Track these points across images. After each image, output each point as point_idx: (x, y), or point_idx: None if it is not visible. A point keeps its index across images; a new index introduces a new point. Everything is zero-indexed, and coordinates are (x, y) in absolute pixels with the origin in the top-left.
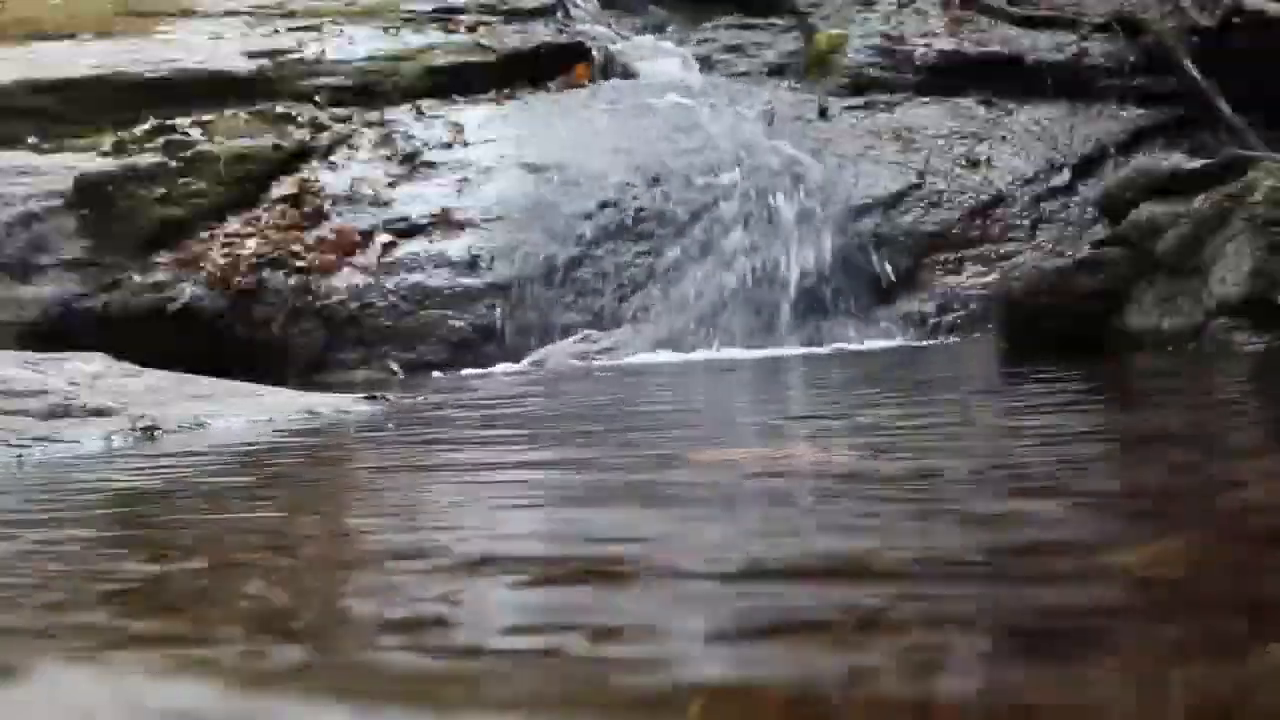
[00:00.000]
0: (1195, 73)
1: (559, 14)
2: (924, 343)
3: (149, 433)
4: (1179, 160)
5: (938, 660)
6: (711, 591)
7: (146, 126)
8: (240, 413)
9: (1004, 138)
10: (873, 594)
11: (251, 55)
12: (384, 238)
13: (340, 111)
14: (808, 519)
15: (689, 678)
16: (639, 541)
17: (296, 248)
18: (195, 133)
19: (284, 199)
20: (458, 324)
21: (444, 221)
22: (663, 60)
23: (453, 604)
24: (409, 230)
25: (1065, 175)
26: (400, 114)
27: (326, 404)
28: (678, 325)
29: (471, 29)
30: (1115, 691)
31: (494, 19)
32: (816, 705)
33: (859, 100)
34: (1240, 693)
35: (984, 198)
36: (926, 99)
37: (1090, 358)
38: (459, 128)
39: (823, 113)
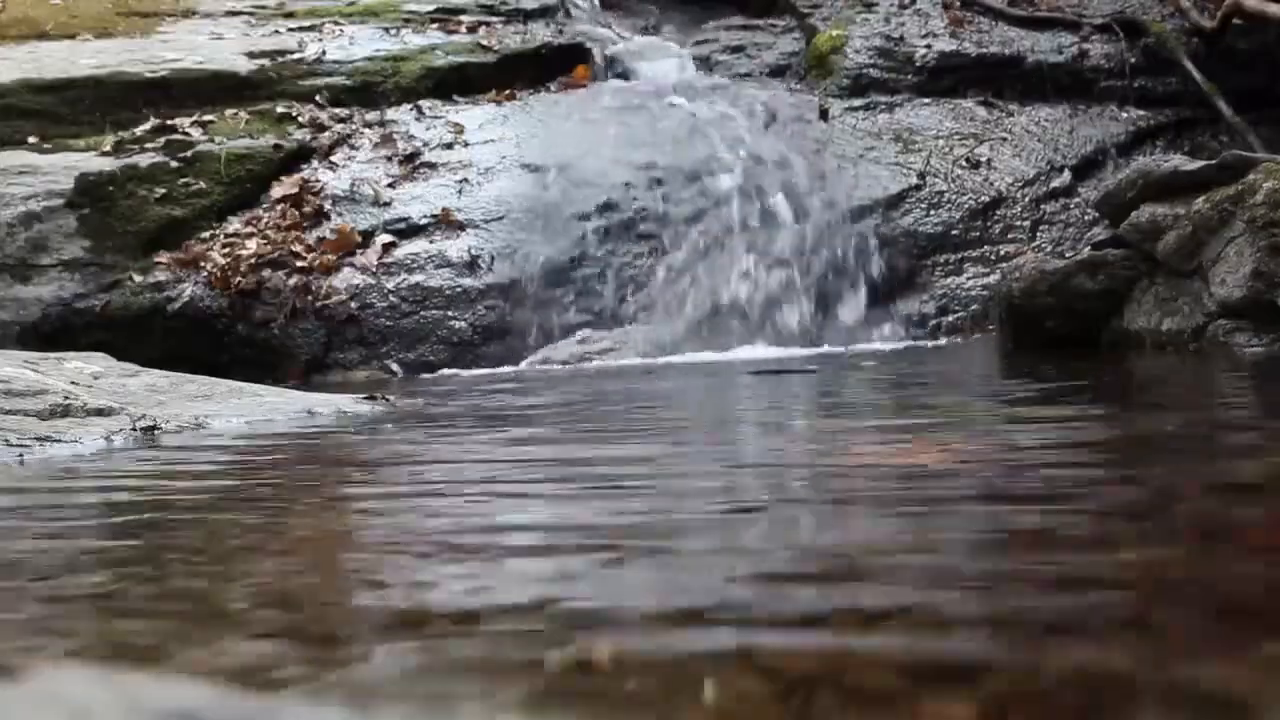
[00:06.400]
0: (1195, 73)
1: (559, 14)
2: (925, 344)
3: (149, 432)
4: (1179, 161)
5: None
6: None
7: (146, 126)
8: (240, 413)
9: (1004, 139)
10: None
11: (252, 55)
12: (384, 238)
13: (340, 111)
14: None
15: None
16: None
17: (297, 248)
18: (195, 133)
19: (284, 199)
20: (458, 324)
21: (444, 222)
22: (662, 61)
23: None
24: (409, 230)
25: (1065, 176)
26: (400, 114)
27: (326, 404)
28: (678, 326)
29: (472, 29)
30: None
31: (494, 19)
32: None
33: (859, 101)
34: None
35: (984, 199)
36: (927, 100)
37: (1091, 358)
38: (459, 128)
39: (823, 114)
